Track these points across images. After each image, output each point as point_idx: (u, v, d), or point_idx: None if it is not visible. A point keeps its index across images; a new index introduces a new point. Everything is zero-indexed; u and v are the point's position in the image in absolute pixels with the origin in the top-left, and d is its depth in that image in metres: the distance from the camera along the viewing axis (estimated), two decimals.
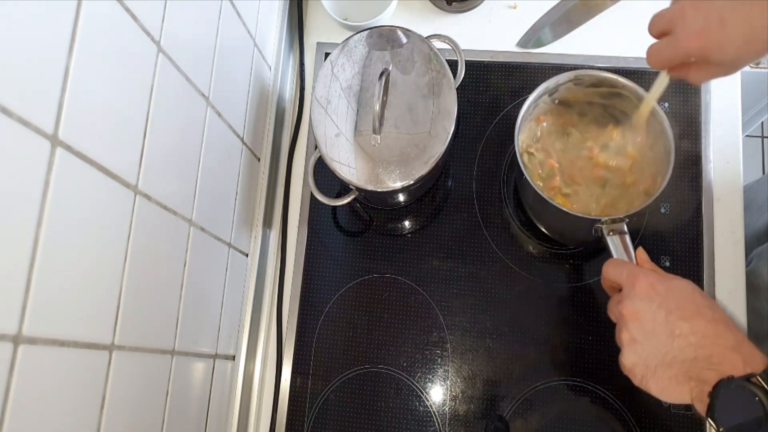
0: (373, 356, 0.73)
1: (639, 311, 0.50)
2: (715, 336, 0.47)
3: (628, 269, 0.53)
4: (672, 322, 0.48)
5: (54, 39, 0.35)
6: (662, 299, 0.50)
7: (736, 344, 0.47)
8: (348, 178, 0.63)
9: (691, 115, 0.76)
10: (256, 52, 0.72)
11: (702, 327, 0.48)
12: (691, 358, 0.47)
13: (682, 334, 0.48)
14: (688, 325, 0.48)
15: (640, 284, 0.51)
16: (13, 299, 0.33)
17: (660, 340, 0.49)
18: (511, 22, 0.82)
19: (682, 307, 0.49)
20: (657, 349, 0.49)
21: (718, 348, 0.47)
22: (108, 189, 0.41)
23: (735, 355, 0.46)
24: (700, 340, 0.47)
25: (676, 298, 0.50)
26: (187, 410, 0.58)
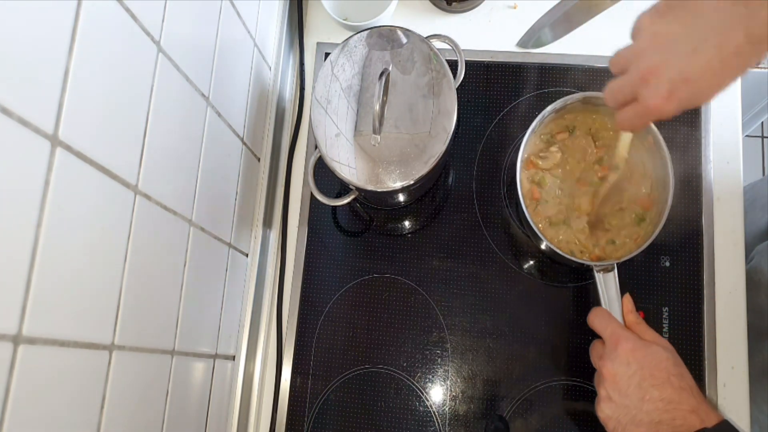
0: (373, 356, 0.73)
1: (617, 374, 0.57)
2: (678, 402, 0.54)
3: (612, 328, 0.59)
4: (644, 387, 0.56)
5: (54, 39, 0.35)
6: (638, 366, 0.56)
7: (696, 407, 0.54)
8: (348, 178, 0.63)
9: (691, 115, 0.76)
10: (256, 52, 0.72)
11: (669, 394, 0.55)
12: (657, 420, 0.54)
13: (652, 399, 0.55)
14: (658, 392, 0.55)
15: (621, 348, 0.58)
16: (13, 299, 0.33)
17: (632, 402, 0.56)
18: (511, 22, 0.82)
19: (655, 375, 0.56)
20: (629, 409, 0.56)
21: (680, 412, 0.54)
22: (108, 189, 0.41)
23: (694, 417, 0.53)
24: (666, 406, 0.54)
25: (651, 365, 0.56)
26: (187, 410, 0.58)
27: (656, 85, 0.48)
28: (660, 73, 0.48)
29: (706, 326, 0.70)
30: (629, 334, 0.59)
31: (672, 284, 0.72)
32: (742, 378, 0.70)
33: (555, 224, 0.68)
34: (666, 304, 0.71)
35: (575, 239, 0.68)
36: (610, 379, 0.57)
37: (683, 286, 0.72)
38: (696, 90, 0.48)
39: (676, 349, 0.70)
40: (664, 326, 0.71)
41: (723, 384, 0.69)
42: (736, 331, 0.71)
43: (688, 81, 0.47)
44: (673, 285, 0.72)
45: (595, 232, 0.67)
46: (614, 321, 0.61)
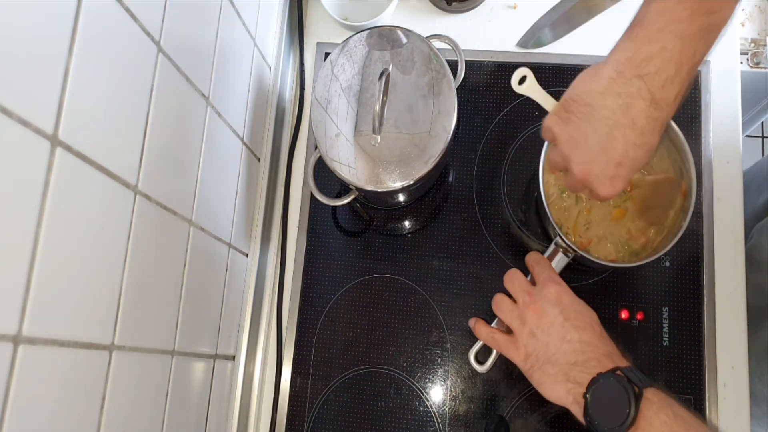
0: (373, 356, 0.73)
1: (544, 312, 0.59)
2: (596, 345, 0.56)
3: (548, 273, 0.62)
4: (566, 328, 0.57)
5: (54, 39, 0.35)
6: (564, 308, 0.58)
7: (611, 352, 0.56)
8: (348, 178, 0.63)
9: (691, 115, 0.76)
10: (256, 52, 0.72)
11: (588, 337, 0.56)
12: (572, 362, 0.55)
13: (571, 340, 0.56)
14: (578, 335, 0.56)
15: (551, 288, 0.60)
16: (13, 299, 0.33)
17: (552, 341, 0.57)
18: (511, 22, 0.82)
19: (578, 318, 0.58)
20: (548, 347, 0.57)
21: (595, 354, 0.55)
22: (108, 189, 0.41)
23: (607, 360, 0.54)
24: (584, 347, 0.56)
25: (575, 311, 0.58)
26: (187, 410, 0.58)
27: (596, 182, 0.54)
28: (592, 172, 0.53)
29: (706, 326, 0.70)
30: (562, 281, 0.61)
31: (672, 284, 0.72)
32: (742, 378, 0.70)
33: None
34: (666, 304, 0.71)
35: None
36: (536, 315, 0.59)
37: (683, 286, 0.72)
38: (631, 163, 0.52)
39: (676, 349, 0.70)
40: (664, 326, 0.71)
41: (723, 384, 0.69)
42: (736, 331, 0.71)
43: (620, 164, 0.52)
44: (673, 285, 0.72)
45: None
46: (553, 270, 0.63)
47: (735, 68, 0.78)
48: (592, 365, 0.54)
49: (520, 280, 0.62)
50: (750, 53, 0.81)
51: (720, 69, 0.78)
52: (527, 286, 0.62)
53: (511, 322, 0.61)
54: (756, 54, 0.81)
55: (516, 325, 0.60)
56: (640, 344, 0.71)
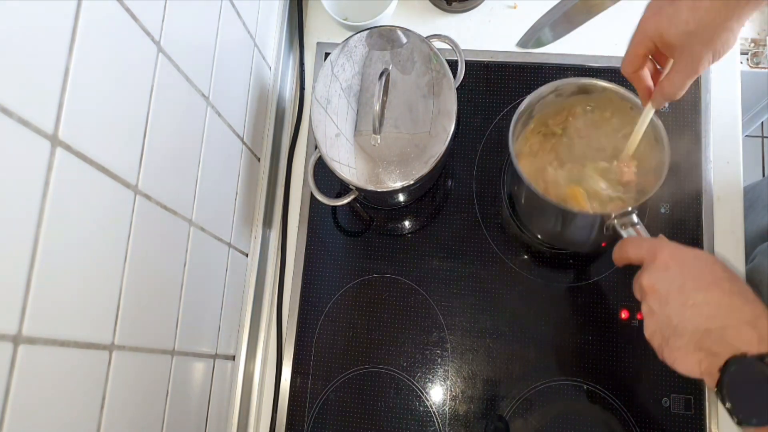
0: (373, 356, 0.73)
1: (656, 282, 0.49)
2: (730, 309, 0.45)
3: (649, 243, 0.53)
4: (686, 291, 0.47)
5: (54, 39, 0.35)
6: (679, 268, 0.49)
7: (753, 319, 0.44)
8: (348, 178, 0.63)
9: (691, 115, 0.76)
10: (256, 52, 0.72)
11: (717, 298, 0.46)
12: (703, 329, 0.45)
13: (696, 304, 0.46)
14: (703, 296, 0.46)
15: (661, 255, 0.50)
16: (13, 299, 0.33)
17: (673, 309, 0.47)
18: (511, 22, 0.82)
19: (699, 277, 0.48)
20: (670, 318, 0.48)
21: (733, 321, 0.44)
22: (108, 189, 0.41)
23: (750, 331, 0.43)
24: (714, 311, 0.45)
25: (694, 267, 0.49)
26: (187, 410, 0.58)
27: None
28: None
29: None
30: (667, 242, 0.52)
31: None
32: None
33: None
34: None
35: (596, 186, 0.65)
36: (650, 290, 0.50)
37: None
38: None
39: None
40: None
41: None
42: None
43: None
44: None
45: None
46: (649, 239, 0.54)
47: (735, 68, 0.78)
48: (730, 334, 0.44)
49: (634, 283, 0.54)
50: (750, 53, 0.81)
51: (720, 69, 0.78)
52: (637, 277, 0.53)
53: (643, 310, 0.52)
54: (756, 54, 0.80)
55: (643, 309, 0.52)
56: (640, 344, 0.71)
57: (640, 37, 0.53)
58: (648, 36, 0.52)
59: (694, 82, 0.75)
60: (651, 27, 0.51)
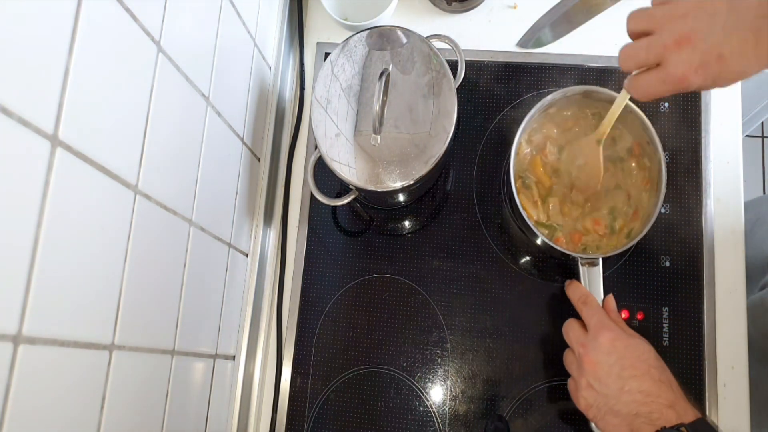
0: (373, 356, 0.73)
1: (598, 363, 0.57)
2: (657, 395, 0.54)
3: (598, 317, 0.60)
4: (624, 378, 0.56)
5: (54, 39, 0.35)
6: (619, 356, 0.57)
7: (674, 402, 0.54)
8: (348, 178, 0.63)
9: (691, 115, 0.76)
10: (256, 52, 0.72)
11: (648, 386, 0.55)
12: (634, 412, 0.54)
13: (631, 390, 0.55)
14: (637, 384, 0.55)
15: (604, 337, 0.58)
16: (13, 299, 0.33)
17: (611, 392, 0.56)
18: (511, 22, 0.82)
19: (635, 366, 0.56)
20: (608, 398, 0.56)
21: (657, 405, 0.54)
22: (108, 189, 0.41)
23: (670, 411, 0.53)
24: (644, 398, 0.54)
25: (632, 357, 0.57)
26: (187, 410, 0.58)
27: (690, 54, 0.46)
28: (696, 42, 0.46)
29: (706, 326, 0.70)
30: (613, 325, 0.59)
31: (672, 284, 0.72)
32: (742, 378, 0.70)
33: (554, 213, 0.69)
34: (666, 304, 0.71)
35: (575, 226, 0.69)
36: (591, 367, 0.58)
37: (683, 286, 0.72)
38: (724, 70, 0.46)
39: (676, 349, 0.70)
40: (664, 326, 0.71)
41: (723, 384, 0.69)
42: (736, 331, 0.71)
43: (721, 58, 0.45)
44: (673, 285, 0.72)
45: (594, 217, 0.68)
46: (602, 311, 0.61)
47: None
48: (655, 417, 0.53)
49: (575, 331, 0.62)
50: None
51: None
52: (581, 336, 0.61)
53: (572, 373, 0.61)
54: None
55: (576, 376, 0.60)
56: None
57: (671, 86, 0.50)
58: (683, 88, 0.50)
59: None
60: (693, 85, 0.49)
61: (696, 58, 0.46)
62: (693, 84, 0.47)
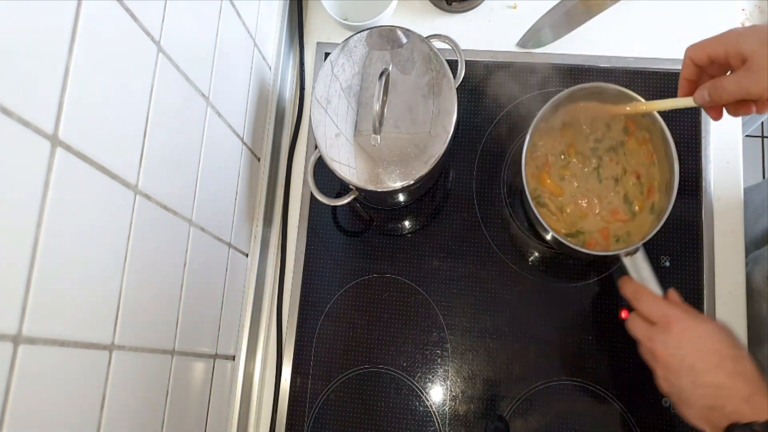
0: (373, 356, 0.73)
1: (670, 357, 0.56)
2: (731, 389, 0.53)
3: (662, 309, 0.58)
4: (696, 371, 0.54)
5: (54, 39, 0.35)
6: (690, 348, 0.55)
7: (749, 396, 0.52)
8: (348, 178, 0.63)
9: (691, 115, 0.76)
10: (256, 52, 0.72)
11: (721, 380, 0.53)
12: (709, 405, 0.53)
13: (704, 384, 0.54)
14: (710, 378, 0.54)
15: (674, 330, 0.56)
16: (13, 299, 0.33)
17: (685, 386, 0.55)
18: (511, 22, 0.82)
19: (707, 359, 0.55)
20: (682, 391, 0.55)
21: (732, 399, 0.52)
22: (108, 189, 0.41)
23: (745, 406, 0.51)
24: (718, 392, 0.53)
25: (703, 348, 0.55)
26: (187, 410, 0.58)
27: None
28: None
29: None
30: (680, 314, 0.57)
31: (672, 284, 0.71)
32: None
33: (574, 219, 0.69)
34: None
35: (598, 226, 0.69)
36: (663, 362, 0.56)
37: (683, 286, 0.72)
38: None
39: None
40: None
41: None
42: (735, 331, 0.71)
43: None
44: (673, 285, 0.71)
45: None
46: (662, 301, 0.59)
47: None
48: (729, 411, 0.52)
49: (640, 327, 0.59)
50: None
51: None
52: (647, 330, 0.58)
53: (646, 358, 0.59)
54: None
55: (652, 366, 0.59)
56: None
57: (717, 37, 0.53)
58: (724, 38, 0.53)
59: None
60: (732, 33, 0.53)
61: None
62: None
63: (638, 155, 0.69)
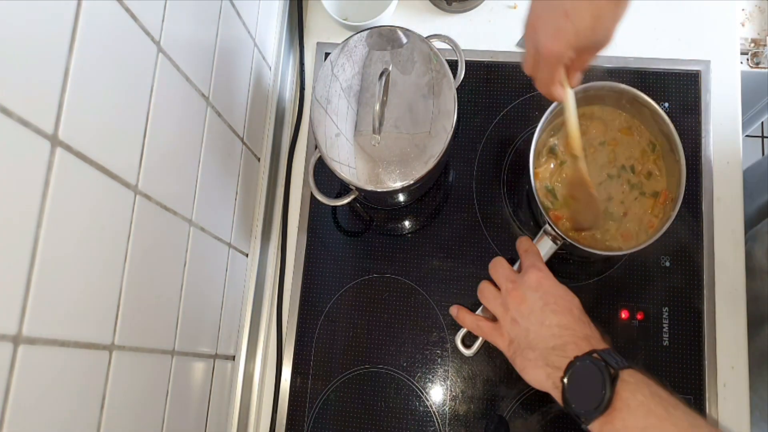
0: (373, 356, 0.73)
1: (525, 297, 0.59)
2: (573, 328, 0.56)
3: (533, 260, 0.63)
4: (545, 312, 0.58)
5: (54, 39, 0.35)
6: (544, 293, 0.59)
7: (589, 335, 0.56)
8: (348, 178, 0.63)
9: (691, 115, 0.76)
10: (256, 52, 0.72)
11: (567, 321, 0.57)
12: (551, 346, 0.56)
13: (550, 324, 0.57)
14: (557, 318, 0.57)
15: (533, 275, 0.60)
16: (13, 299, 0.33)
17: (531, 325, 0.58)
18: (511, 22, 0.82)
19: (557, 303, 0.58)
20: (528, 332, 0.58)
21: (572, 338, 0.55)
22: (108, 189, 0.41)
23: (584, 343, 0.55)
24: (562, 331, 0.56)
25: (555, 295, 0.59)
26: (187, 410, 0.58)
27: (543, 29, 0.51)
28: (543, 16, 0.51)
29: (706, 326, 0.70)
30: (545, 267, 0.62)
31: (672, 284, 0.72)
32: (742, 378, 0.70)
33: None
34: (666, 304, 0.71)
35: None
36: (518, 301, 0.59)
37: (683, 286, 0.72)
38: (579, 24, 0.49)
39: (676, 349, 0.70)
40: (664, 326, 0.71)
41: (723, 384, 0.69)
42: (736, 331, 0.71)
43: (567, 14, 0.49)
44: (673, 285, 0.72)
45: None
46: (539, 258, 0.64)
47: (735, 68, 0.78)
48: (570, 349, 0.55)
49: (504, 268, 0.64)
50: (750, 53, 0.81)
51: (720, 69, 0.78)
52: (510, 273, 0.63)
53: (494, 309, 0.62)
54: (756, 54, 0.80)
55: (499, 312, 0.62)
56: (640, 344, 0.71)
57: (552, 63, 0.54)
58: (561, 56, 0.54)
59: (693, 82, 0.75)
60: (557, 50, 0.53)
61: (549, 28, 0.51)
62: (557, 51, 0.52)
63: (633, 156, 0.69)
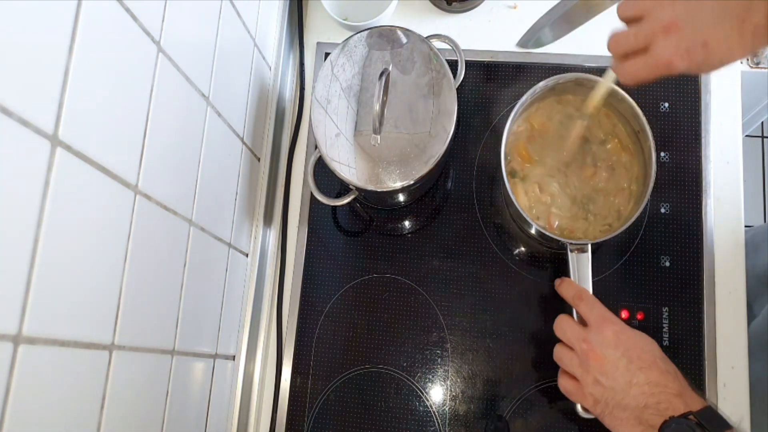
0: (373, 356, 0.73)
1: (605, 357, 0.57)
2: (664, 386, 0.54)
3: (599, 311, 0.60)
4: (632, 371, 0.55)
5: (54, 39, 0.35)
6: (625, 349, 0.56)
7: (681, 391, 0.54)
8: (348, 178, 0.63)
9: (691, 115, 0.76)
10: (256, 52, 0.72)
11: (655, 377, 0.55)
12: (642, 405, 0.54)
13: (638, 383, 0.55)
14: (644, 376, 0.55)
15: (609, 330, 0.58)
16: (13, 299, 0.33)
17: (619, 386, 0.55)
18: (511, 22, 0.82)
19: (641, 358, 0.56)
20: (615, 392, 0.56)
21: (665, 396, 0.53)
22: (108, 189, 0.41)
23: (678, 401, 0.53)
24: (652, 389, 0.54)
25: (637, 349, 0.57)
26: (187, 410, 0.58)
27: (676, 40, 0.48)
28: (683, 29, 0.48)
29: (706, 326, 0.70)
30: (615, 318, 0.59)
31: (672, 284, 0.72)
32: (742, 378, 0.70)
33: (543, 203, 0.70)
34: (666, 304, 0.71)
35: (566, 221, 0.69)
36: (598, 362, 0.57)
37: (683, 286, 0.72)
38: (709, 56, 0.48)
39: (676, 349, 0.70)
40: (664, 326, 0.71)
41: (723, 384, 0.69)
42: (736, 331, 0.71)
43: (706, 45, 0.47)
44: (673, 285, 0.72)
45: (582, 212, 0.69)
46: (600, 305, 0.60)
47: (735, 68, 0.78)
48: (663, 407, 0.53)
49: (572, 327, 0.60)
50: None
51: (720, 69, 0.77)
52: (581, 332, 0.59)
53: (573, 371, 0.59)
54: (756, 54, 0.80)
55: (579, 374, 0.59)
56: None
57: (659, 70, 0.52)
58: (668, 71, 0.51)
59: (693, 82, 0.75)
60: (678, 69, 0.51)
61: (682, 44, 0.48)
62: (677, 69, 0.49)
63: (613, 154, 0.70)
